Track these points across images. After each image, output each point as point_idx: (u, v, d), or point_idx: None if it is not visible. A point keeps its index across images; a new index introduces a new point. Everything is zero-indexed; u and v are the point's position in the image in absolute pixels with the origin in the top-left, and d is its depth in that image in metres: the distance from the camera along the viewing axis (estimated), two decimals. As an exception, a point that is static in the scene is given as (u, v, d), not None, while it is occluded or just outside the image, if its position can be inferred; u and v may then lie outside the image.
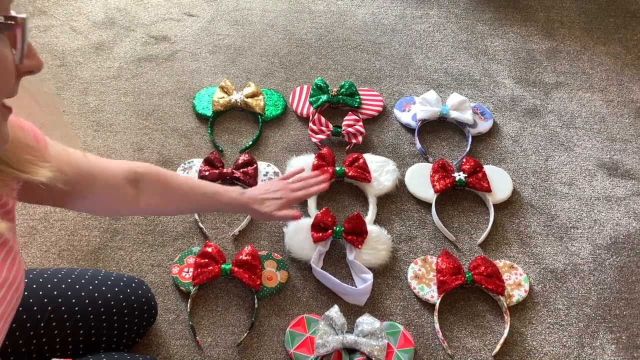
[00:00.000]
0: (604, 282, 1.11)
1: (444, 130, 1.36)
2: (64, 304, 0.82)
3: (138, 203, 0.83)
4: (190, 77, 1.45)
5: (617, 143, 1.36)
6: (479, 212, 1.20)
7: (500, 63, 1.55)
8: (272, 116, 1.35)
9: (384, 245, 1.10)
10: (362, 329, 0.97)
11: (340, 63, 1.52)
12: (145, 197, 0.84)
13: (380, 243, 1.10)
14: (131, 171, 0.81)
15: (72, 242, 1.11)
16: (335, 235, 1.09)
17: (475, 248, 1.14)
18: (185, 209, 0.99)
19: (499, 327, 1.03)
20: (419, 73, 1.50)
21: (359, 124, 1.30)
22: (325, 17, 1.66)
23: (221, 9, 1.66)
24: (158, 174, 0.87)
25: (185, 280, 1.04)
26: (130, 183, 0.81)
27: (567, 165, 1.30)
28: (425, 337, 1.01)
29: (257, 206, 0.96)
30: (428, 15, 1.69)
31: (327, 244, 1.10)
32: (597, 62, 1.57)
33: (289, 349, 0.97)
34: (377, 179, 1.20)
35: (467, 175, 1.21)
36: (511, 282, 1.08)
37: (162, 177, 0.87)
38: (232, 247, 1.12)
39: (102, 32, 1.56)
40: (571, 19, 1.70)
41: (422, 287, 1.06)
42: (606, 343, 1.02)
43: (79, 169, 0.72)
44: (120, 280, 0.90)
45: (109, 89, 1.41)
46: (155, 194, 0.86)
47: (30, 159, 0.56)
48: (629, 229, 1.19)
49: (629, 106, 1.45)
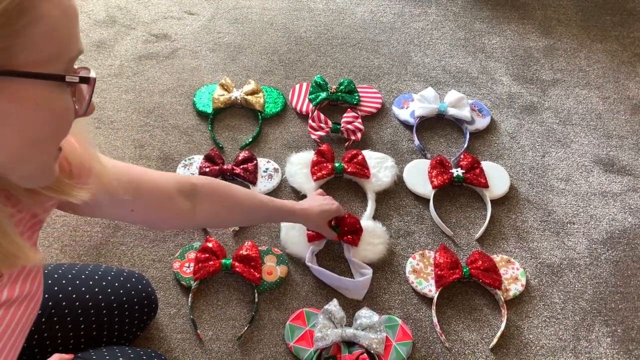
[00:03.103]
0: (599, 276, 1.12)
1: (442, 127, 1.38)
2: (65, 299, 0.83)
3: (194, 215, 0.82)
4: (191, 75, 1.46)
5: (613, 139, 1.37)
6: (476, 207, 1.22)
7: (497, 60, 1.56)
8: (272, 113, 1.36)
9: (380, 239, 1.11)
10: (361, 323, 0.98)
11: (339, 61, 1.53)
12: (203, 209, 0.83)
13: (376, 237, 1.11)
14: (187, 183, 0.81)
15: (75, 238, 1.12)
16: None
17: (473, 243, 1.16)
18: (245, 221, 1.02)
19: (496, 321, 1.05)
20: (417, 70, 1.51)
21: (358, 120, 1.31)
22: (325, 15, 1.67)
23: (221, 7, 1.67)
24: (218, 186, 0.87)
25: (186, 275, 1.05)
26: (184, 195, 0.80)
27: (564, 161, 1.32)
28: (423, 330, 1.03)
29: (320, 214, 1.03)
30: (426, 13, 1.70)
31: (321, 243, 1.11)
32: (594, 59, 1.58)
33: (288, 343, 0.99)
34: (375, 175, 1.22)
35: (465, 171, 1.22)
36: (508, 276, 1.09)
37: (222, 189, 0.87)
38: (232, 243, 1.13)
39: (103, 30, 1.58)
40: (568, 17, 1.71)
41: (420, 282, 1.08)
42: (602, 336, 1.03)
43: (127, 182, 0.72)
44: (121, 276, 0.91)
45: (110, 87, 1.42)
46: (215, 205, 0.85)
47: (70, 183, 0.58)
48: (624, 224, 1.21)
49: (625, 103, 1.46)
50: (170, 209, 0.79)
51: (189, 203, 0.81)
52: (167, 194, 0.78)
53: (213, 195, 0.85)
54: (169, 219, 0.83)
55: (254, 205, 0.92)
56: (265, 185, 1.20)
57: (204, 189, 0.83)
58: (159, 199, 0.77)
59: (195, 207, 0.82)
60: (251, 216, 0.96)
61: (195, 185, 0.82)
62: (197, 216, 0.83)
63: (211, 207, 0.85)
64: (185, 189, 0.80)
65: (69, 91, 0.46)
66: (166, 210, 0.79)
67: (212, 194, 0.85)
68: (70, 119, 0.47)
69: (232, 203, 0.88)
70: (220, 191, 0.86)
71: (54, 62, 0.43)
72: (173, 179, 0.80)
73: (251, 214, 0.93)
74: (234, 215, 0.91)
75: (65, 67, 0.45)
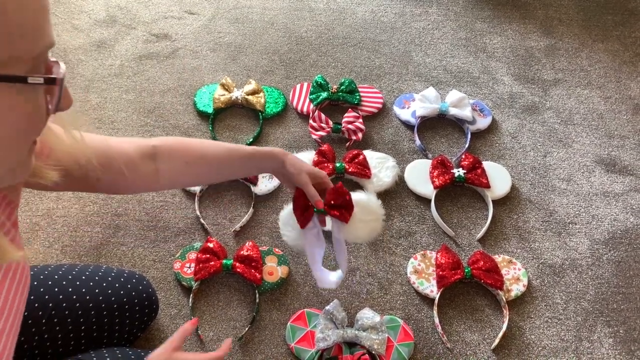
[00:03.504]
0: (601, 276, 1.12)
1: (443, 127, 1.37)
2: (66, 300, 0.82)
3: (157, 177, 0.79)
4: (191, 75, 1.46)
5: (615, 139, 1.37)
6: (477, 207, 1.21)
7: (499, 60, 1.55)
8: (273, 113, 1.36)
9: (374, 215, 0.94)
10: (363, 323, 0.98)
11: (340, 60, 1.53)
12: (165, 169, 0.79)
13: (369, 213, 0.93)
14: (147, 145, 0.78)
15: (75, 238, 1.12)
16: (318, 211, 0.88)
17: (474, 243, 1.15)
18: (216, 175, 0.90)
19: (497, 321, 1.04)
20: (419, 70, 1.51)
21: (359, 120, 1.31)
22: (325, 15, 1.67)
23: (222, 7, 1.67)
24: (177, 142, 0.81)
25: (187, 276, 1.05)
26: (147, 157, 0.78)
27: (566, 161, 1.31)
28: (424, 331, 1.02)
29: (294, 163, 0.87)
30: (427, 12, 1.70)
31: (315, 222, 0.90)
32: (596, 59, 1.58)
33: (290, 343, 0.98)
34: (377, 175, 1.21)
35: (466, 171, 1.22)
36: (510, 276, 1.09)
37: (182, 145, 0.81)
38: (233, 243, 1.13)
39: (104, 30, 1.57)
40: (569, 17, 1.71)
41: (422, 282, 1.07)
42: (604, 337, 1.03)
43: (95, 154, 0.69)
44: (121, 276, 0.91)
45: (110, 87, 1.42)
46: (177, 162, 0.80)
47: (39, 165, 0.56)
48: (626, 224, 1.20)
49: (626, 103, 1.46)
50: (133, 174, 0.77)
51: (152, 165, 0.78)
52: (130, 158, 0.76)
53: (173, 152, 0.80)
54: (134, 184, 0.80)
55: (221, 154, 0.84)
56: (266, 185, 1.20)
57: (164, 148, 0.79)
58: (122, 165, 0.74)
59: (158, 169, 0.79)
60: (221, 168, 0.86)
61: (155, 146, 0.78)
62: (161, 177, 0.80)
63: (173, 165, 0.80)
64: (146, 151, 0.77)
65: (40, 89, 0.43)
66: (130, 175, 0.76)
67: (173, 151, 0.80)
68: (42, 118, 0.45)
69: (195, 157, 0.81)
70: (180, 147, 0.81)
71: (16, 62, 0.40)
72: (134, 144, 0.77)
73: (220, 166, 0.85)
74: (199, 169, 0.83)
75: (32, 65, 0.41)
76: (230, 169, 0.88)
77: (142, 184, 0.81)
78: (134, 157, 0.76)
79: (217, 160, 0.84)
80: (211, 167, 0.84)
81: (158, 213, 1.16)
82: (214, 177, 0.93)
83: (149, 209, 1.17)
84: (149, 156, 0.78)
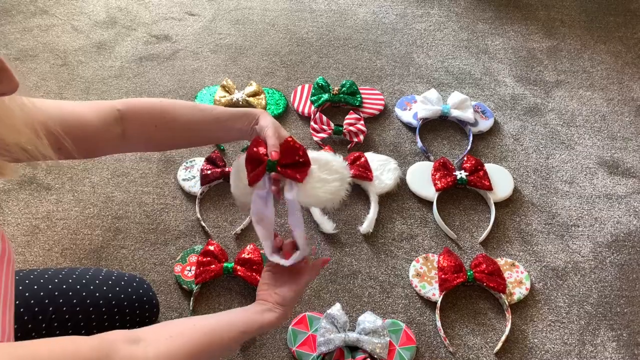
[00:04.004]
0: (604, 280, 1.11)
1: (445, 129, 1.37)
2: (66, 304, 0.82)
3: (124, 140, 0.75)
4: (192, 76, 1.45)
5: (618, 141, 1.36)
6: (480, 210, 1.21)
7: (501, 62, 1.55)
8: (274, 115, 1.35)
9: (336, 174, 0.75)
10: (364, 327, 0.97)
11: (342, 62, 1.52)
12: (134, 131, 0.75)
13: (330, 171, 0.75)
14: (112, 108, 0.74)
15: (75, 241, 1.11)
16: (268, 169, 0.71)
17: (477, 246, 1.15)
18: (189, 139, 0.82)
19: (500, 325, 1.04)
20: (420, 72, 1.51)
21: (360, 122, 1.30)
22: (326, 16, 1.66)
23: (222, 8, 1.67)
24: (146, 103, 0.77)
25: (188, 279, 1.05)
26: (112, 120, 0.74)
27: (568, 163, 1.31)
28: (427, 334, 1.02)
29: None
30: (429, 14, 1.69)
31: (265, 184, 0.74)
32: (598, 60, 1.57)
33: (291, 347, 0.98)
34: (378, 178, 1.21)
35: (469, 173, 1.21)
36: (512, 280, 1.08)
37: (151, 106, 0.76)
38: (234, 246, 1.12)
39: (104, 31, 1.57)
40: (572, 18, 1.70)
41: (424, 285, 1.07)
42: (607, 340, 1.03)
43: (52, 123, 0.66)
44: (122, 280, 0.90)
45: (110, 88, 1.41)
46: (146, 125, 0.76)
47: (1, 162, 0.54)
48: (629, 226, 1.20)
49: (629, 104, 1.45)
50: (96, 138, 0.73)
51: (118, 128, 0.74)
52: (90, 123, 0.72)
53: (141, 115, 0.76)
54: (98, 149, 0.76)
55: (194, 116, 0.78)
56: (267, 187, 1.19)
57: (130, 111, 0.75)
58: (83, 131, 0.71)
59: (125, 132, 0.75)
60: (195, 132, 0.79)
61: (120, 110, 0.74)
62: (128, 140, 0.76)
63: (142, 128, 0.76)
64: (110, 114, 0.74)
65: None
66: (94, 141, 0.73)
67: (141, 114, 0.75)
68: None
69: (166, 120, 0.77)
70: (149, 109, 0.76)
71: None
72: (94, 107, 0.73)
73: (193, 128, 0.78)
74: (170, 133, 0.78)
75: None
76: (205, 133, 0.81)
77: (107, 148, 0.77)
78: (95, 122, 0.72)
79: (190, 124, 0.78)
80: (183, 130, 0.79)
81: (158, 216, 1.16)
82: (187, 141, 0.85)
83: (150, 212, 1.16)
84: (114, 119, 0.74)
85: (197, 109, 0.79)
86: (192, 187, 1.19)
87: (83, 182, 1.21)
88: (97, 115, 0.73)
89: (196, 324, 0.66)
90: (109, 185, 1.21)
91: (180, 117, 0.78)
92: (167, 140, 0.81)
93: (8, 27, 1.56)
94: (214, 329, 0.66)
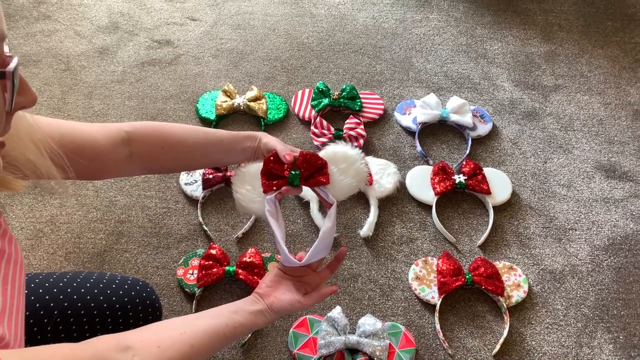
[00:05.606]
0: (601, 282, 1.12)
1: (444, 133, 1.38)
2: (70, 307, 0.83)
3: (132, 162, 0.77)
4: (194, 81, 1.47)
5: (615, 145, 1.38)
6: (478, 214, 1.22)
7: (499, 66, 1.56)
8: (275, 119, 1.37)
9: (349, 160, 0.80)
10: (364, 330, 0.98)
11: (342, 67, 1.54)
12: (141, 154, 0.77)
13: (342, 161, 0.80)
14: (120, 130, 0.75)
15: (79, 245, 1.12)
16: (291, 183, 0.75)
17: (475, 249, 1.16)
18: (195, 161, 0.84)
19: (498, 328, 1.05)
20: (419, 76, 1.52)
21: (360, 127, 1.32)
22: (327, 21, 1.68)
23: (223, 14, 1.68)
24: (153, 126, 0.78)
25: (190, 282, 1.06)
26: (119, 142, 0.75)
27: (566, 167, 1.32)
28: (426, 337, 1.03)
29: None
30: (428, 19, 1.71)
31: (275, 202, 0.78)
32: (595, 65, 1.58)
33: (292, 350, 0.99)
34: (378, 182, 1.22)
35: (467, 177, 1.23)
36: (510, 283, 1.09)
37: (158, 129, 0.78)
38: (235, 249, 1.13)
39: (106, 36, 1.58)
40: (569, 23, 1.72)
41: (423, 288, 1.08)
42: (604, 343, 1.04)
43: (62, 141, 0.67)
44: (125, 283, 0.91)
45: (113, 93, 1.42)
46: (153, 147, 0.78)
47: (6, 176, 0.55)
48: (626, 230, 1.21)
49: (626, 109, 1.47)
50: (104, 160, 0.74)
51: (126, 150, 0.76)
52: (99, 144, 0.73)
53: (148, 137, 0.77)
54: (106, 171, 0.78)
55: (198, 138, 0.80)
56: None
57: (137, 133, 0.76)
58: (93, 151, 0.72)
59: (133, 154, 0.77)
60: (199, 154, 0.81)
61: (128, 132, 0.76)
62: (135, 163, 0.77)
63: (148, 150, 0.77)
64: (118, 136, 0.75)
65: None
66: (102, 161, 0.74)
67: (148, 136, 0.77)
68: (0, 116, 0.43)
69: (172, 142, 0.78)
70: (155, 132, 0.78)
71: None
72: (104, 129, 0.75)
73: (198, 151, 0.80)
74: (176, 155, 0.80)
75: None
76: (209, 154, 0.83)
77: (115, 170, 0.79)
78: (104, 142, 0.74)
79: (195, 146, 0.80)
80: (189, 152, 0.81)
81: (161, 220, 1.17)
82: (191, 163, 0.87)
83: (152, 216, 1.18)
84: (122, 141, 0.76)
85: (200, 132, 0.81)
86: (194, 191, 1.20)
87: (86, 187, 1.22)
88: (106, 136, 0.75)
89: (186, 330, 0.66)
90: (111, 190, 1.22)
91: (186, 139, 0.80)
92: (172, 162, 0.83)
93: (11, 32, 1.57)
94: (203, 336, 0.67)
